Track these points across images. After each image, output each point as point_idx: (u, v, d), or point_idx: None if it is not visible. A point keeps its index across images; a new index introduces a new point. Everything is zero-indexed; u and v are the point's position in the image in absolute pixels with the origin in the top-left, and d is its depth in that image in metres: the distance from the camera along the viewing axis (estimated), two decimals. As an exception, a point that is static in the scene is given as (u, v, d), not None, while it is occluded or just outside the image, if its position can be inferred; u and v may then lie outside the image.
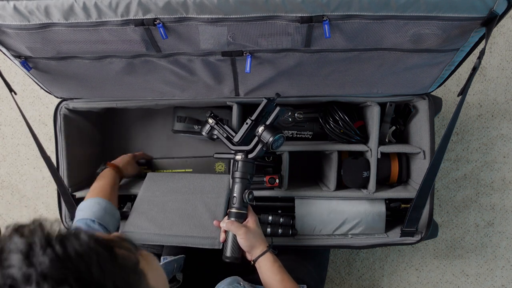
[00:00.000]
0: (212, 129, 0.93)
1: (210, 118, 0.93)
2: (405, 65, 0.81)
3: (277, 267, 0.78)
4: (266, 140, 0.82)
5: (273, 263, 0.78)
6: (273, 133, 0.82)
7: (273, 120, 0.85)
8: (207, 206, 0.92)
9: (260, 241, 0.81)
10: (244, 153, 0.86)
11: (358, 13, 0.64)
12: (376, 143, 0.96)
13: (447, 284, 1.40)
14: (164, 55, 0.78)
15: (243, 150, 0.86)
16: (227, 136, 0.91)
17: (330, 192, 1.00)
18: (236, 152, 0.87)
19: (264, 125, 0.83)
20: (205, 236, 0.86)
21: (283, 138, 0.84)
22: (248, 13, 0.64)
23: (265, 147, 0.83)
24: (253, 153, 0.85)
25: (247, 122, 0.87)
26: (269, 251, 0.80)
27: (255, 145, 0.86)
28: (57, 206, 1.04)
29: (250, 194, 0.84)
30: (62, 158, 1.01)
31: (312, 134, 1.07)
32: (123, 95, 0.96)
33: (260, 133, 0.83)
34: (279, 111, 0.86)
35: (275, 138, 0.81)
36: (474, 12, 0.63)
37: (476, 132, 1.32)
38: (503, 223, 1.35)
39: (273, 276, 0.77)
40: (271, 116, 0.86)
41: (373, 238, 1.00)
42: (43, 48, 0.74)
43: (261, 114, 0.88)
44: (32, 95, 1.36)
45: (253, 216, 0.85)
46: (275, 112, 0.86)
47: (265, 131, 0.82)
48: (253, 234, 0.81)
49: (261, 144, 0.84)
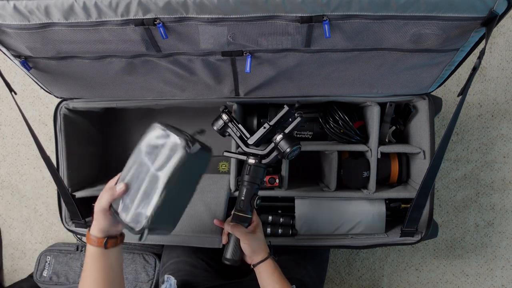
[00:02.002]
0: (225, 125, 0.90)
1: (224, 113, 0.89)
2: (405, 65, 0.81)
3: (277, 275, 0.78)
4: (284, 150, 0.80)
5: (273, 270, 0.78)
6: (291, 143, 0.80)
7: (292, 130, 0.84)
8: (207, 205, 0.92)
9: (263, 247, 0.81)
10: (258, 157, 0.84)
11: (358, 13, 0.64)
12: (376, 143, 0.96)
13: (447, 284, 1.40)
14: (164, 55, 0.78)
15: (257, 155, 0.84)
16: (240, 136, 0.88)
17: (330, 192, 1.00)
18: (248, 155, 0.85)
19: (283, 133, 0.82)
20: (205, 236, 0.86)
21: (299, 149, 0.83)
22: (248, 13, 0.64)
23: (280, 155, 0.82)
24: (267, 159, 0.84)
25: (265, 127, 0.85)
26: (270, 258, 0.80)
27: (270, 151, 0.84)
28: (57, 206, 1.04)
29: (258, 199, 0.83)
30: (62, 158, 1.01)
31: (312, 134, 1.07)
32: (123, 95, 0.96)
33: (278, 141, 0.81)
34: (299, 122, 0.85)
35: (293, 149, 0.80)
36: (474, 12, 0.63)
37: (476, 132, 1.32)
38: (503, 223, 1.35)
39: (273, 284, 0.77)
40: (291, 125, 0.85)
41: (373, 238, 1.00)
42: (43, 48, 0.74)
43: (279, 121, 0.86)
44: (32, 95, 1.36)
45: (258, 221, 0.84)
46: (295, 122, 0.85)
47: (284, 140, 0.81)
48: (257, 240, 0.80)
49: (276, 151, 0.82)
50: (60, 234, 1.44)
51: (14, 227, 1.44)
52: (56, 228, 1.43)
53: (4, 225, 1.45)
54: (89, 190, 1.04)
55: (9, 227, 1.44)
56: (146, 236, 0.60)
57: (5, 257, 1.47)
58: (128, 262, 1.23)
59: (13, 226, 1.44)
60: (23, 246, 1.46)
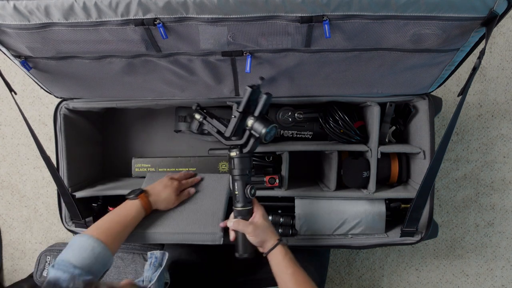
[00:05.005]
0: (201, 124, 0.89)
1: (197, 113, 0.87)
2: (405, 65, 0.81)
3: (288, 260, 0.76)
4: (259, 133, 0.77)
5: (284, 256, 0.77)
6: (264, 124, 0.76)
7: (261, 110, 0.79)
8: (207, 203, 0.92)
9: (271, 234, 0.80)
10: (238, 148, 0.82)
11: (358, 13, 0.64)
12: (376, 143, 0.96)
13: (447, 284, 1.40)
14: (164, 55, 0.78)
15: (237, 145, 0.83)
16: (217, 131, 0.87)
17: (330, 192, 1.00)
18: (230, 147, 0.83)
19: (254, 116, 0.78)
20: (205, 232, 0.86)
21: (275, 128, 0.79)
22: (248, 13, 0.64)
23: (258, 140, 0.80)
24: (247, 147, 0.81)
25: (235, 115, 0.81)
26: (280, 244, 0.78)
27: (247, 139, 0.81)
28: (57, 206, 1.04)
29: (252, 188, 0.82)
30: (62, 158, 1.01)
31: (312, 134, 1.06)
32: (123, 95, 0.96)
33: (250, 126, 0.78)
34: (266, 99, 0.78)
35: (267, 129, 0.76)
36: (474, 12, 0.63)
37: (476, 132, 1.32)
38: (503, 223, 1.35)
39: (285, 269, 0.75)
40: (259, 106, 0.79)
41: (373, 238, 1.00)
42: (43, 47, 0.74)
43: (248, 105, 0.81)
44: (32, 95, 1.36)
45: (260, 209, 0.83)
46: (262, 101, 0.78)
47: (256, 122, 0.77)
48: (262, 229, 0.79)
49: (253, 137, 0.80)
50: (60, 234, 1.44)
51: (14, 227, 1.44)
52: (56, 228, 1.43)
53: (4, 225, 1.45)
54: (89, 190, 1.04)
55: (9, 227, 1.44)
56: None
57: (5, 257, 1.47)
58: (128, 262, 1.22)
59: (13, 226, 1.44)
60: (23, 246, 1.46)
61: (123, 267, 1.21)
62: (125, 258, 1.23)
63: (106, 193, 1.03)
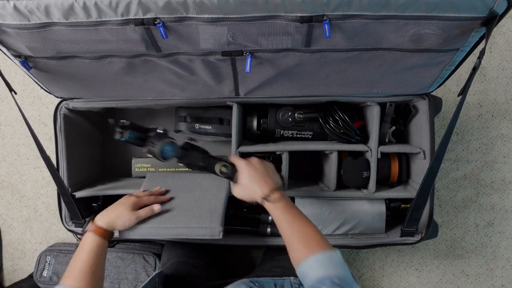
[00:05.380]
0: (140, 139, 0.89)
1: (118, 128, 0.86)
2: (405, 65, 0.81)
3: (280, 211, 0.74)
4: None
5: (273, 209, 0.75)
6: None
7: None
8: (206, 200, 0.92)
9: (257, 189, 0.78)
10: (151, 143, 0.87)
11: (358, 13, 0.64)
12: (376, 143, 0.96)
13: (447, 284, 1.40)
14: (164, 55, 0.78)
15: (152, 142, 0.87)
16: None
17: (330, 192, 1.00)
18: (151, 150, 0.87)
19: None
20: (204, 226, 0.86)
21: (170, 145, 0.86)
22: (248, 13, 0.64)
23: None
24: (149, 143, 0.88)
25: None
26: (267, 200, 0.76)
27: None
28: (57, 206, 1.04)
29: (223, 167, 0.85)
30: (62, 158, 1.01)
31: (312, 134, 1.06)
32: (123, 95, 0.96)
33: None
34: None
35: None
36: (474, 12, 0.63)
37: (476, 132, 1.32)
38: (503, 223, 1.35)
39: (279, 223, 0.74)
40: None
41: (373, 238, 1.00)
42: (43, 47, 0.74)
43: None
44: (32, 95, 1.36)
45: (242, 168, 0.82)
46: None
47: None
48: (244, 188, 0.80)
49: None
50: (60, 234, 1.44)
51: (14, 227, 1.44)
52: (56, 228, 1.43)
53: (4, 225, 1.45)
54: (89, 190, 1.04)
55: (9, 227, 1.44)
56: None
57: (5, 257, 1.47)
58: (128, 262, 1.22)
59: (13, 226, 1.44)
60: (23, 246, 1.46)
61: (123, 267, 1.21)
62: (125, 258, 1.23)
63: (106, 193, 1.04)
